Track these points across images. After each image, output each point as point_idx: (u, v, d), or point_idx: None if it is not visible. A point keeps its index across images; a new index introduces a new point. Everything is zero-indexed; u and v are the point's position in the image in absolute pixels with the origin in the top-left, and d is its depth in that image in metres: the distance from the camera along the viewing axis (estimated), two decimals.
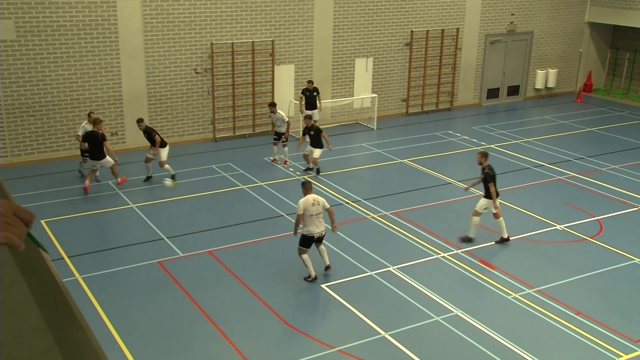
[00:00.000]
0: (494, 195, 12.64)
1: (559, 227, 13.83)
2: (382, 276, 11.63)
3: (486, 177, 12.67)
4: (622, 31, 25.48)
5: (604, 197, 15.59)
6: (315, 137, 16.33)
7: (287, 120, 17.27)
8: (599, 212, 14.63)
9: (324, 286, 11.31)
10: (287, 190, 15.57)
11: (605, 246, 13.00)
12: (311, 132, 16.35)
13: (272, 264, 12.09)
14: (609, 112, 23.74)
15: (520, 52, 24.75)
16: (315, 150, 16.35)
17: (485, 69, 24.06)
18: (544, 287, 11.35)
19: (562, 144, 19.63)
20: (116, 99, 18.02)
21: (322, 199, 11.31)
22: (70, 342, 1.71)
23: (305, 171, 16.82)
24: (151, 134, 15.56)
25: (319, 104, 19.37)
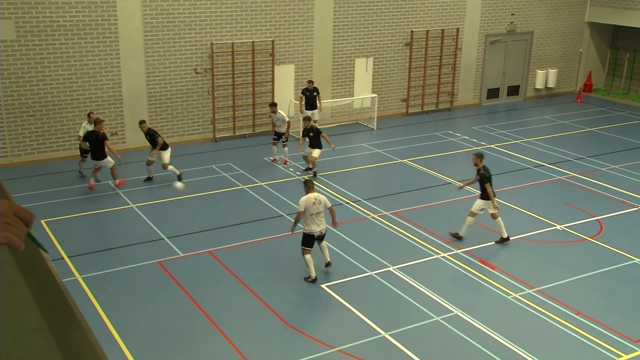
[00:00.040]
0: (492, 195, 12.66)
1: (559, 227, 13.83)
2: (382, 276, 11.64)
3: (482, 178, 12.70)
4: (622, 31, 25.48)
5: (604, 197, 15.59)
6: (314, 139, 16.31)
7: (287, 120, 17.28)
8: (599, 212, 14.63)
9: (324, 286, 11.31)
10: (287, 190, 15.57)
11: (605, 246, 13.00)
12: (311, 134, 16.34)
13: (272, 264, 12.09)
14: (609, 112, 23.74)
15: (520, 52, 24.75)
16: (314, 150, 16.35)
17: (485, 69, 24.07)
18: (544, 287, 11.35)
19: (562, 144, 19.64)
20: (116, 99, 18.02)
21: (323, 198, 11.34)
22: (70, 342, 1.71)
23: (305, 171, 16.82)
24: (154, 136, 15.57)
25: (319, 104, 19.37)
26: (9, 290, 1.92)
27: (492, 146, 19.22)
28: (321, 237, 11.41)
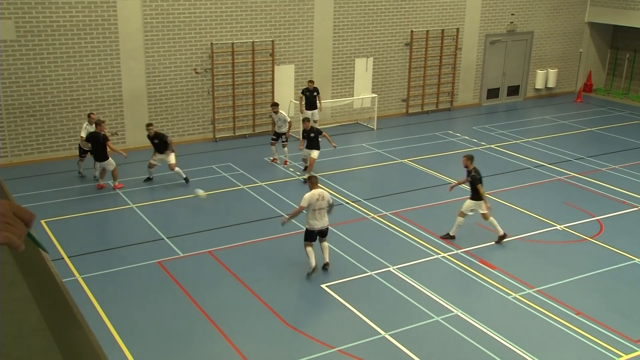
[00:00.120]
0: (484, 195, 12.74)
1: (559, 227, 13.83)
2: (382, 276, 11.64)
3: (473, 180, 12.78)
4: (622, 31, 25.48)
5: (604, 197, 15.59)
6: (314, 140, 16.19)
7: (288, 120, 17.28)
8: (599, 212, 14.63)
9: (324, 286, 11.31)
10: (287, 190, 15.58)
11: (605, 246, 13.00)
12: (312, 134, 16.25)
13: (272, 264, 12.09)
14: (609, 112, 23.74)
15: (520, 52, 24.75)
16: (313, 151, 16.22)
17: (485, 69, 24.06)
18: (544, 287, 11.35)
19: (562, 144, 19.64)
20: (116, 99, 18.02)
21: (327, 195, 11.48)
22: (70, 342, 1.71)
23: (304, 171, 16.81)
24: (163, 138, 15.57)
25: (319, 104, 19.37)
26: (9, 290, 1.92)
27: (492, 146, 19.22)
28: (322, 233, 11.48)
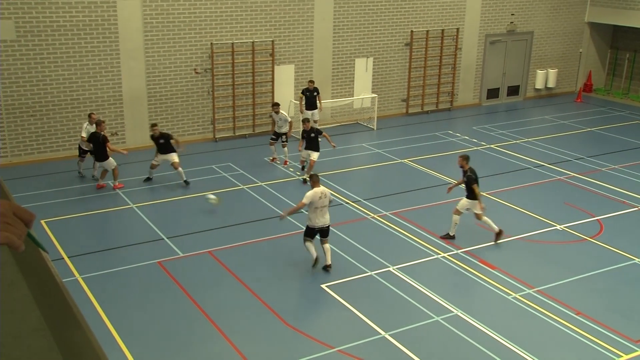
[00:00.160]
0: (479, 195, 12.78)
1: (559, 227, 13.83)
2: (382, 276, 11.64)
3: (469, 180, 12.82)
4: (622, 31, 25.48)
5: (604, 197, 15.59)
6: (313, 140, 16.13)
7: (289, 120, 17.28)
8: (599, 212, 14.63)
9: (324, 286, 11.31)
10: (287, 190, 15.58)
11: (605, 246, 13.00)
12: (311, 135, 16.18)
13: (272, 264, 12.09)
14: (609, 112, 23.74)
15: (520, 52, 24.75)
16: (313, 153, 16.14)
17: (485, 69, 24.06)
18: (544, 287, 11.35)
19: (562, 144, 19.63)
20: (116, 99, 18.02)
21: (328, 193, 11.59)
22: (70, 342, 1.71)
23: (302, 170, 16.80)
24: (168, 137, 15.62)
25: (319, 104, 19.36)
26: (9, 290, 1.92)
27: (492, 146, 19.22)
28: (323, 232, 11.52)
